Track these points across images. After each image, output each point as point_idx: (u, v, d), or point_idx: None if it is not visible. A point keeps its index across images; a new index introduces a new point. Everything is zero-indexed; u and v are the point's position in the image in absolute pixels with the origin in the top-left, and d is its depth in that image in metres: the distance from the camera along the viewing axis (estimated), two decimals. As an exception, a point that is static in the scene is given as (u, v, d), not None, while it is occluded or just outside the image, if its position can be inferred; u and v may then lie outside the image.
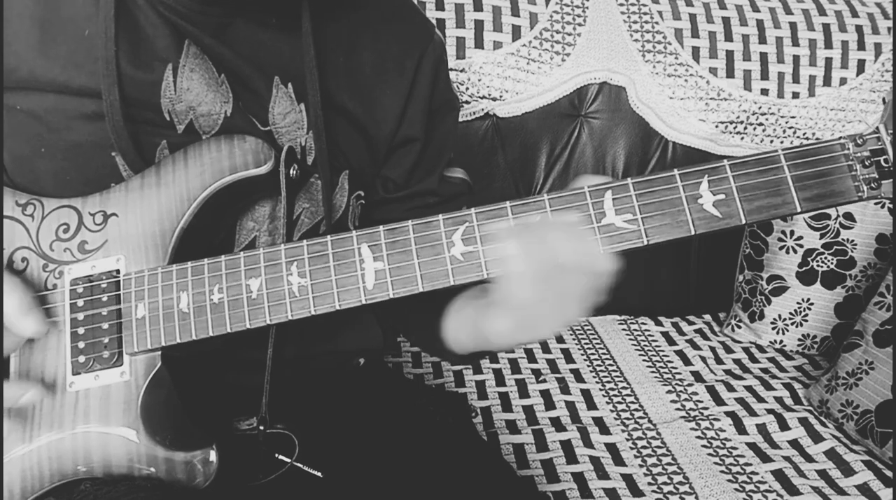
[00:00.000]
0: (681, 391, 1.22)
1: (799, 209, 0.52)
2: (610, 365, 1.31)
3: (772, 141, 1.45)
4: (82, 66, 0.63)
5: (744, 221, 0.53)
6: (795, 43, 1.44)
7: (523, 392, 1.21)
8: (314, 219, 0.73)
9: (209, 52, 0.67)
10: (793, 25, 1.45)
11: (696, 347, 1.40)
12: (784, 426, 1.14)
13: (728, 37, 1.43)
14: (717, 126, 1.42)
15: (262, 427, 0.71)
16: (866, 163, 0.52)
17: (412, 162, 0.80)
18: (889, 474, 1.03)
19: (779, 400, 1.22)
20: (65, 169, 0.65)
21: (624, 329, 1.45)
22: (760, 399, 1.22)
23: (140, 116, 0.65)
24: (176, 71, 0.65)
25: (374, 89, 0.75)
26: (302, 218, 0.73)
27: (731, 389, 1.24)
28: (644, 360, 1.34)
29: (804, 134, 1.45)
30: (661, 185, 0.54)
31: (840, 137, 0.53)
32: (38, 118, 0.64)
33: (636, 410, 1.17)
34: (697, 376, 1.29)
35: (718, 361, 1.36)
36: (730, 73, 1.42)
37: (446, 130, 0.84)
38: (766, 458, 1.06)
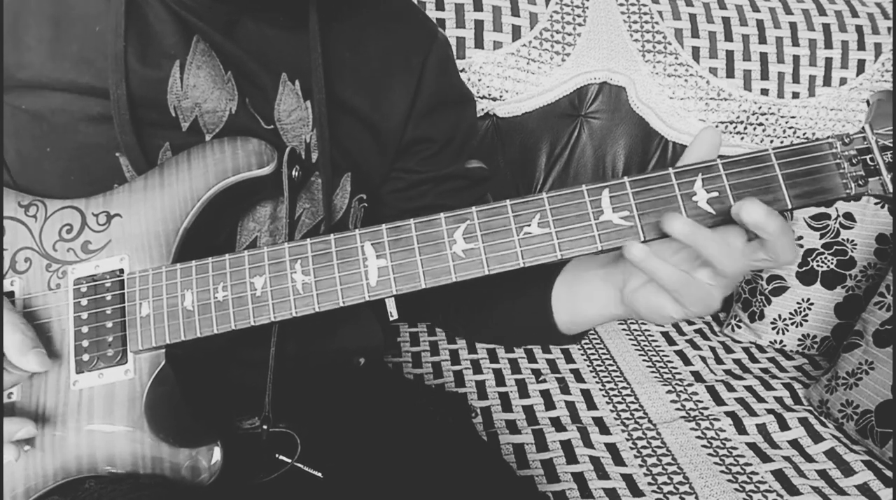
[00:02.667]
0: (681, 391, 1.23)
1: (789, 205, 0.53)
2: (610, 365, 1.31)
3: (772, 141, 1.45)
4: (92, 63, 0.64)
5: None
6: (795, 43, 1.44)
7: (523, 392, 1.21)
8: (315, 219, 0.74)
9: (217, 49, 0.68)
10: (793, 25, 1.45)
11: (696, 347, 1.40)
12: (784, 426, 1.14)
13: (728, 37, 1.43)
14: (717, 126, 1.43)
15: (265, 426, 0.71)
16: (853, 161, 0.53)
17: (428, 156, 0.82)
18: (889, 474, 1.03)
19: (779, 400, 1.22)
20: (69, 170, 0.65)
21: (624, 329, 1.46)
22: (760, 399, 1.22)
23: (145, 117, 0.65)
24: (183, 68, 0.66)
25: (381, 83, 0.76)
26: (303, 218, 0.73)
27: (731, 389, 1.24)
28: (644, 360, 1.34)
29: (804, 134, 1.45)
30: (656, 183, 0.55)
31: (828, 137, 0.54)
32: (43, 119, 0.64)
33: (636, 410, 1.17)
34: (697, 376, 1.29)
35: (718, 361, 1.36)
36: (730, 74, 1.42)
37: (469, 122, 0.86)
38: (766, 458, 1.06)
